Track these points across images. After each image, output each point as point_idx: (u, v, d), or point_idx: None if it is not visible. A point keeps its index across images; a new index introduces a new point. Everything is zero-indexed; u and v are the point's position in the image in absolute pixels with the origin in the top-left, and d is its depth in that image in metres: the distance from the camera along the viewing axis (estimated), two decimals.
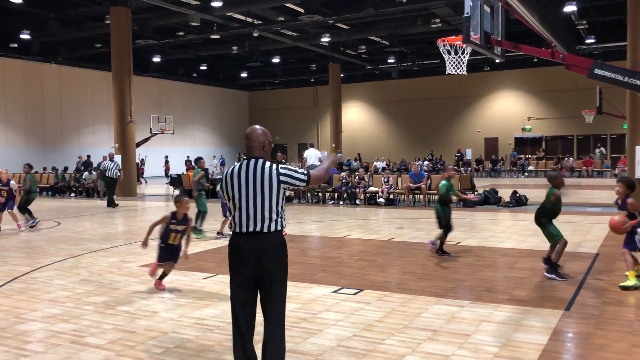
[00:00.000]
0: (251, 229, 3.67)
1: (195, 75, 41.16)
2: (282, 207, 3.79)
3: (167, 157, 34.84)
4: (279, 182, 3.70)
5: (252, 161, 3.76)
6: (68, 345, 4.92)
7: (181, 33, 28.67)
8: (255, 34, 26.81)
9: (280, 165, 3.77)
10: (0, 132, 30.33)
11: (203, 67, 39.09)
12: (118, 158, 21.72)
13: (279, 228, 3.73)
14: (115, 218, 15.45)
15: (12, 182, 12.69)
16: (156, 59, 34.12)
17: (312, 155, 20.65)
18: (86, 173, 23.61)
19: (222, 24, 25.92)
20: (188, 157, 35.18)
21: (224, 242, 10.48)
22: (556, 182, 7.24)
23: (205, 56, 35.41)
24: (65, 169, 26.86)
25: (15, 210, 12.87)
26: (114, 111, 22.53)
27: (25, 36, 27.27)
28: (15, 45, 29.21)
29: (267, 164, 3.76)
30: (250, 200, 3.68)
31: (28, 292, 6.85)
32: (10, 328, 5.43)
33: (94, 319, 5.70)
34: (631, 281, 6.52)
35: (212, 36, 27.19)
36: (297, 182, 3.75)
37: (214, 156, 34.62)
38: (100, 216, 15.78)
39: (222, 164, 33.64)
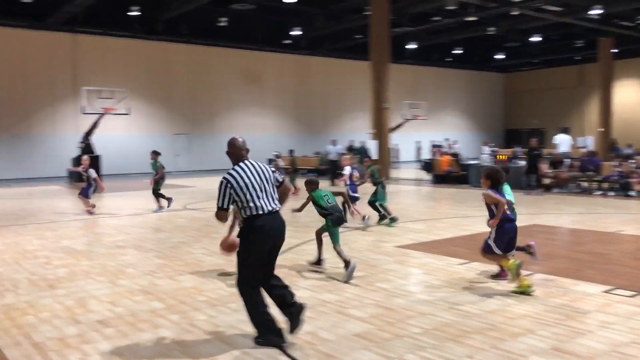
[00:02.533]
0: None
1: (448, 59, 40.87)
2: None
3: (418, 142, 35.34)
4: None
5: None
6: (333, 314, 5.31)
7: (437, 18, 28.66)
8: (515, 13, 25.43)
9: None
10: (273, 120, 34.31)
11: (457, 51, 38.58)
12: (373, 143, 22.82)
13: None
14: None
15: (91, 170, 13.42)
16: (411, 46, 34.75)
17: (563, 141, 18.91)
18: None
19: (479, 5, 25.16)
20: (441, 140, 35.13)
21: (476, 229, 10.24)
22: None
23: (459, 39, 34.89)
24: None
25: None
26: (371, 98, 23.62)
27: (295, 32, 30.25)
28: (289, 41, 32.60)
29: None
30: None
31: (298, 262, 7.60)
32: None
33: (355, 292, 6.06)
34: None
35: (468, 18, 26.61)
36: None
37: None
38: None
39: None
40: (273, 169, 4.78)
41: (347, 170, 11.39)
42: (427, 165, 22.62)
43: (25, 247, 9.07)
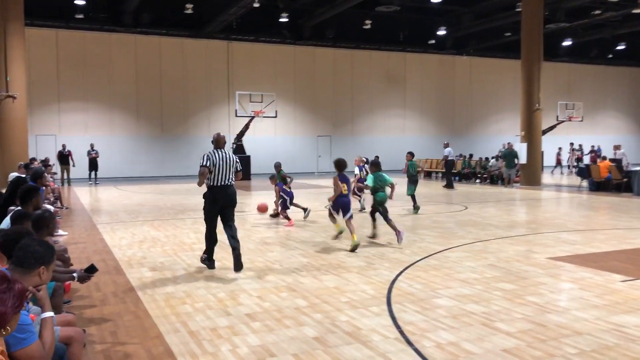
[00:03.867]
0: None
1: (610, 56, 37.60)
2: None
3: (572, 144, 32.84)
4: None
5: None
6: (479, 327, 5.07)
7: (597, 12, 26.49)
8: None
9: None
10: (414, 122, 33.91)
11: (620, 47, 35.36)
12: (523, 146, 21.66)
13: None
14: (519, 206, 15.42)
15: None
16: (566, 43, 32.51)
17: None
18: (493, 160, 24.26)
19: None
20: (592, 146, 32.41)
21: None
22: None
23: (623, 34, 31.97)
24: (471, 156, 28.16)
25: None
26: (522, 99, 22.42)
27: (441, 32, 29.64)
28: (433, 41, 32.04)
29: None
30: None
31: (442, 269, 7.39)
32: (429, 300, 5.93)
33: (503, 305, 5.74)
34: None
35: (635, 11, 24.25)
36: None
37: (616, 146, 30.97)
38: (504, 203, 15.98)
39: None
40: (237, 159, 7.30)
41: (356, 170, 13.81)
42: (583, 171, 20.95)
43: (184, 240, 9.83)
